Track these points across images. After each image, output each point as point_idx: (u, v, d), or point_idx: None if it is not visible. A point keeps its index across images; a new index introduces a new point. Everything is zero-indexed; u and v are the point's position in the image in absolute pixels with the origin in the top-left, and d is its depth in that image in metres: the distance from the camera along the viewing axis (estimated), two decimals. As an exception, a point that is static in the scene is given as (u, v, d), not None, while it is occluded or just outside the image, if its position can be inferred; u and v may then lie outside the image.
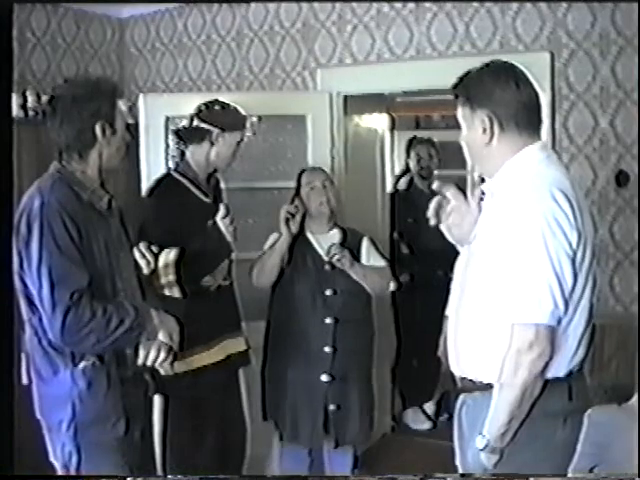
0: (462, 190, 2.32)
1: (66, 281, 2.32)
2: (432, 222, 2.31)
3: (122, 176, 3.64)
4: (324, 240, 3.63)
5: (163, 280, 3.10)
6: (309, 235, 3.66)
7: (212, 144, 3.33)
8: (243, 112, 3.44)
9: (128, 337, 2.44)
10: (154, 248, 3.03)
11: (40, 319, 2.39)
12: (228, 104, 3.42)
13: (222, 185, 3.59)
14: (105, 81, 2.65)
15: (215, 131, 3.32)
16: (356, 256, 3.61)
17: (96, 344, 2.37)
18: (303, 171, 3.74)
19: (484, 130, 2.18)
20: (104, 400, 2.45)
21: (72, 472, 2.46)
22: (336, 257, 3.51)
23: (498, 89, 2.18)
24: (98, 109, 2.46)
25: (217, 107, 3.37)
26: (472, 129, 2.22)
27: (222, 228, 3.17)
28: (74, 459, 2.45)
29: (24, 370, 2.91)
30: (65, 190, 2.43)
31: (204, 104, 3.38)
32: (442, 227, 2.31)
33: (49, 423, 2.50)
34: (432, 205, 2.32)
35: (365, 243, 3.68)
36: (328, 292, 3.56)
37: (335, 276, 3.57)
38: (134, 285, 2.67)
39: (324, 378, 3.53)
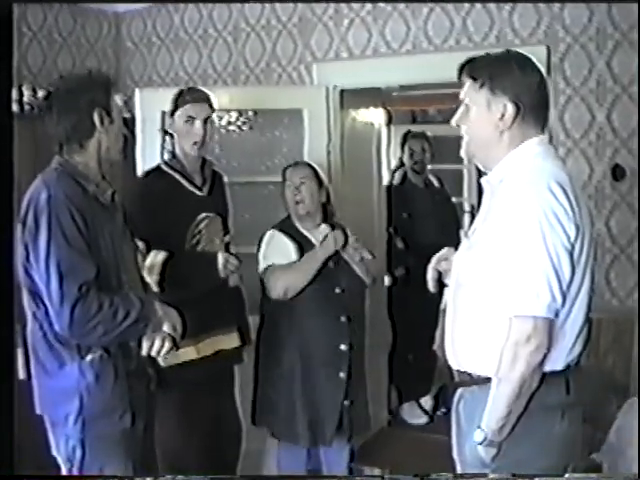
0: None
1: (74, 273, 2.34)
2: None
3: (118, 170, 3.63)
4: (317, 235, 3.55)
5: (147, 279, 3.09)
6: (303, 231, 3.58)
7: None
8: (206, 91, 3.43)
9: (134, 329, 2.45)
10: (140, 245, 3.03)
11: (46, 312, 2.40)
12: (192, 87, 3.50)
13: (225, 179, 3.58)
14: (98, 72, 2.68)
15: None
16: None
17: (103, 336, 2.39)
18: (287, 167, 3.66)
19: (502, 117, 2.15)
20: (111, 392, 2.46)
21: (75, 466, 2.47)
22: (358, 250, 3.49)
23: (526, 77, 2.16)
24: (94, 98, 2.49)
25: (185, 93, 3.39)
26: (487, 114, 2.17)
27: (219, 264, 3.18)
28: (78, 453, 2.46)
29: (21, 365, 2.91)
30: (71, 183, 2.45)
31: (174, 96, 3.40)
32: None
33: (53, 418, 2.50)
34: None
35: (351, 239, 3.60)
36: (337, 290, 3.49)
37: (339, 273, 3.52)
38: (137, 278, 2.69)
39: (342, 375, 3.48)
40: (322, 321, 3.48)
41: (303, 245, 3.52)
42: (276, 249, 3.52)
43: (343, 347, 3.47)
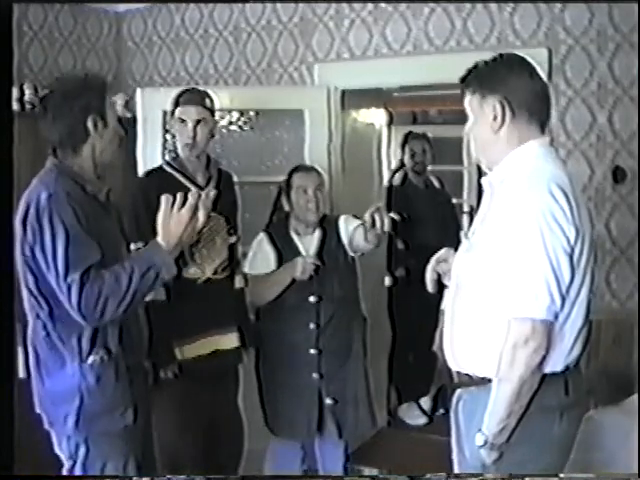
0: None
1: (77, 262, 2.34)
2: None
3: (119, 171, 3.63)
4: (307, 241, 3.58)
5: None
6: (294, 236, 3.60)
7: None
8: (205, 92, 3.41)
9: (147, 281, 2.40)
10: (137, 245, 3.03)
11: (50, 313, 2.42)
12: (190, 89, 3.47)
13: (235, 178, 3.59)
14: (94, 76, 2.67)
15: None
16: (340, 239, 3.58)
17: (118, 307, 2.37)
18: (296, 169, 3.65)
19: (495, 117, 2.19)
20: (113, 392, 2.49)
21: (78, 463, 2.49)
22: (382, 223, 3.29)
23: (513, 76, 2.20)
24: (88, 103, 2.49)
25: (182, 94, 3.39)
26: (482, 117, 2.22)
27: None
28: (81, 450, 2.48)
29: (21, 364, 2.91)
30: (69, 182, 2.46)
31: (174, 96, 3.40)
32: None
33: (52, 417, 2.51)
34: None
35: (341, 221, 3.61)
36: (312, 299, 3.52)
37: (318, 282, 3.52)
38: None
39: (315, 376, 3.53)
40: (293, 327, 3.53)
41: (285, 254, 3.56)
42: (258, 257, 3.61)
43: (312, 351, 3.52)
